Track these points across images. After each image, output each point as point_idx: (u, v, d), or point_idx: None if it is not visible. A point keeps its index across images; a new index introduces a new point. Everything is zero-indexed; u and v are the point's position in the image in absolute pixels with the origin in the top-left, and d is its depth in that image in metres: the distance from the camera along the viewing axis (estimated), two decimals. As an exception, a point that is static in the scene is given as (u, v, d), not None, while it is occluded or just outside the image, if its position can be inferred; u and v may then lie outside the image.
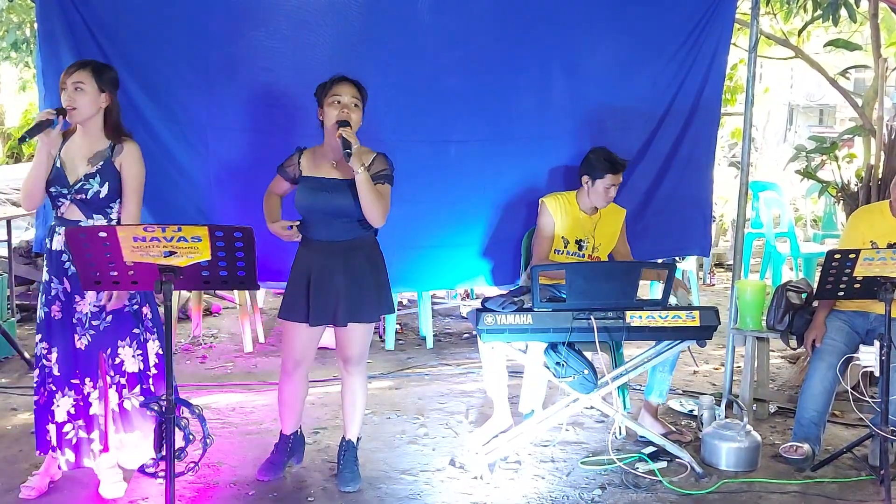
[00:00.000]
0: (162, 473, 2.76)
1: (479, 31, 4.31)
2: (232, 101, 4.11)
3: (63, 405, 3.25)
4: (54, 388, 3.26)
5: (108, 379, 3.28)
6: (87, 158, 3.24)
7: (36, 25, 4.20)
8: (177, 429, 2.76)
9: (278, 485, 3.56)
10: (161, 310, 2.97)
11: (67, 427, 3.26)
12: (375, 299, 3.46)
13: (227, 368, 5.29)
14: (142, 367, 3.33)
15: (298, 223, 3.44)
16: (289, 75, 4.11)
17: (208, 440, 2.91)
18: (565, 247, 4.24)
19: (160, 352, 3.36)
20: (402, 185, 4.32)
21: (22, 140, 3.14)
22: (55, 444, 3.29)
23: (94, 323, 3.25)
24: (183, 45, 3.99)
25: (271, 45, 4.08)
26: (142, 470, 2.94)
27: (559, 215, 4.22)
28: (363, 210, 3.33)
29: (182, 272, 2.71)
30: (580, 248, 4.25)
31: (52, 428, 3.28)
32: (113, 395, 3.30)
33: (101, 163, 3.24)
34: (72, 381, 3.25)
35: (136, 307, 3.32)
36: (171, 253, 2.66)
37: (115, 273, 2.73)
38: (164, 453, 2.74)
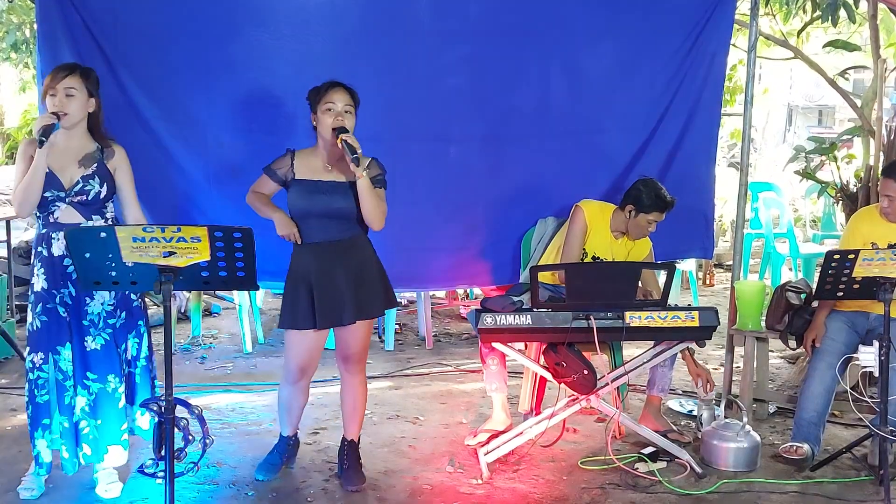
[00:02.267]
0: (161, 474, 2.76)
1: (478, 31, 4.32)
2: (231, 102, 4.11)
3: (79, 403, 3.27)
4: (69, 390, 3.26)
5: (122, 372, 3.34)
6: (76, 161, 3.24)
7: (36, 26, 4.20)
8: (176, 429, 2.77)
9: (278, 485, 3.57)
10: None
11: (83, 423, 3.28)
12: (380, 294, 3.48)
13: (226, 369, 5.29)
14: (135, 355, 3.39)
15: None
16: (288, 75, 4.11)
17: (208, 440, 2.91)
18: (581, 259, 4.21)
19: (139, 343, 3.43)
20: (402, 185, 4.33)
21: (41, 143, 3.08)
22: (58, 443, 3.30)
23: (110, 321, 3.28)
24: (182, 45, 4.00)
25: (271, 46, 4.09)
26: (141, 470, 2.94)
27: (592, 224, 4.16)
28: (364, 214, 3.35)
29: (181, 272, 2.71)
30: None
31: (58, 428, 3.28)
32: (123, 388, 3.34)
33: (95, 165, 3.25)
34: (84, 380, 3.26)
35: (137, 302, 3.38)
36: (171, 253, 2.66)
37: (115, 273, 2.73)
38: (163, 454, 2.74)
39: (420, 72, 4.29)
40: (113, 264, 2.69)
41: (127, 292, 3.29)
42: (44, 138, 3.08)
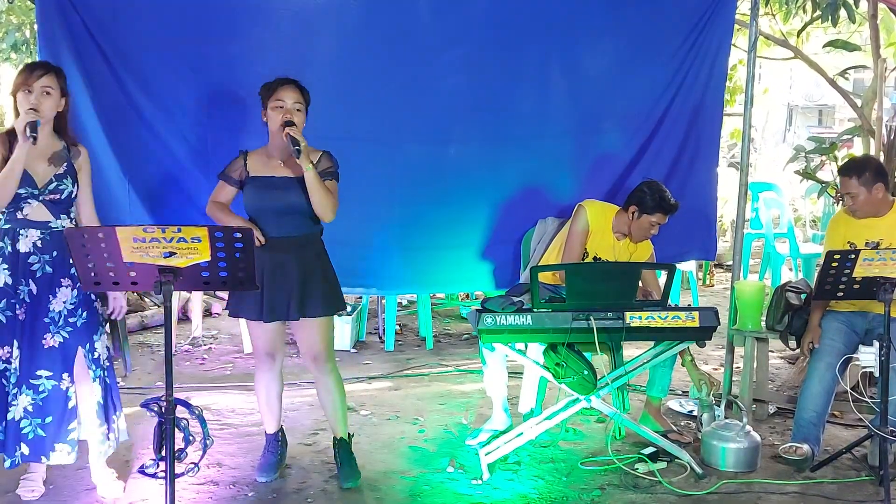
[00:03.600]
0: (162, 474, 2.76)
1: (478, 32, 4.32)
2: (231, 102, 4.11)
3: (21, 402, 3.23)
4: (12, 388, 3.23)
5: (90, 373, 3.30)
6: (45, 159, 3.24)
7: (36, 27, 4.20)
8: (177, 430, 2.77)
9: (278, 486, 3.57)
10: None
11: (24, 423, 3.25)
12: (325, 295, 3.48)
13: (226, 369, 5.29)
14: (105, 357, 3.39)
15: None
16: (290, 75, 4.09)
17: (208, 441, 2.91)
18: (582, 259, 4.21)
19: (109, 345, 3.44)
20: (401, 185, 4.36)
21: (34, 139, 3.07)
22: (2, 441, 3.27)
23: (70, 320, 3.26)
24: (183, 45, 4.00)
25: (271, 46, 4.09)
26: (142, 471, 2.94)
27: (594, 225, 4.15)
28: (314, 206, 3.39)
29: (182, 273, 2.71)
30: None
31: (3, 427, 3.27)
32: (97, 388, 3.31)
33: (66, 164, 3.26)
34: (31, 380, 3.23)
35: (96, 302, 3.37)
36: (171, 254, 2.66)
37: (114, 274, 2.73)
38: (164, 454, 2.74)
39: (420, 71, 4.29)
40: (112, 264, 2.69)
41: (88, 292, 3.27)
42: (35, 134, 3.08)
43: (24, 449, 3.27)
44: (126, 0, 3.94)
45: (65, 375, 3.27)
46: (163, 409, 2.76)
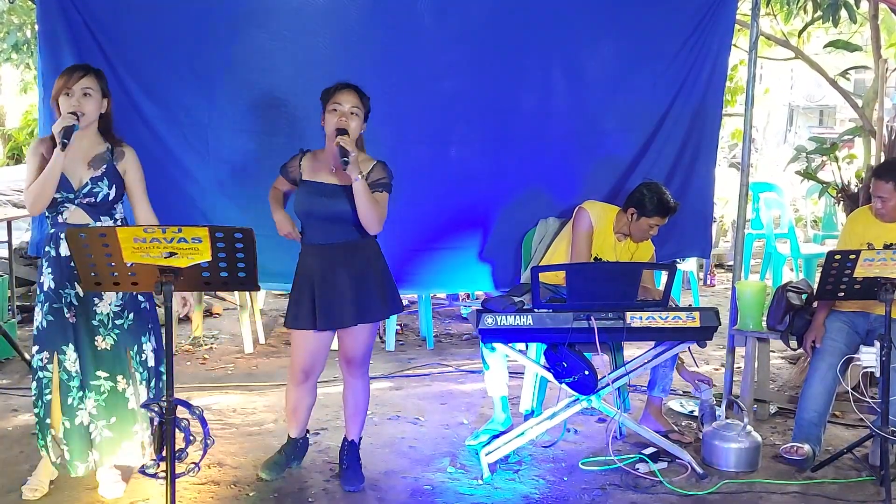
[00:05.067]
0: (163, 474, 2.76)
1: (479, 33, 4.32)
2: (232, 103, 4.11)
3: (87, 406, 3.26)
4: (76, 392, 3.24)
5: (138, 376, 3.32)
6: (86, 162, 3.24)
7: (37, 27, 4.20)
8: (177, 430, 2.77)
9: (279, 485, 3.57)
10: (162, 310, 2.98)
11: (92, 427, 3.27)
12: (381, 299, 3.46)
13: (227, 369, 5.29)
14: (152, 365, 3.37)
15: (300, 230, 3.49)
16: (289, 77, 4.12)
17: (209, 441, 2.91)
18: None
19: (155, 346, 3.41)
20: (402, 186, 4.32)
21: (63, 146, 3.07)
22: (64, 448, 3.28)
23: (117, 322, 3.28)
24: (183, 46, 4.00)
25: (271, 47, 4.09)
26: (142, 471, 2.94)
27: (596, 226, 4.14)
28: (359, 217, 3.34)
29: (182, 273, 2.71)
30: None
31: (61, 429, 3.27)
32: (143, 391, 3.33)
33: (105, 166, 3.25)
34: (92, 382, 3.26)
35: (146, 304, 3.37)
36: (172, 254, 2.66)
37: (116, 274, 2.73)
38: (164, 454, 2.74)
39: (421, 72, 4.29)
40: (113, 264, 2.70)
41: (134, 293, 3.29)
42: (66, 140, 3.07)
43: (96, 454, 3.30)
44: (127, 1, 3.95)
45: (119, 377, 3.29)
46: (163, 409, 2.76)
